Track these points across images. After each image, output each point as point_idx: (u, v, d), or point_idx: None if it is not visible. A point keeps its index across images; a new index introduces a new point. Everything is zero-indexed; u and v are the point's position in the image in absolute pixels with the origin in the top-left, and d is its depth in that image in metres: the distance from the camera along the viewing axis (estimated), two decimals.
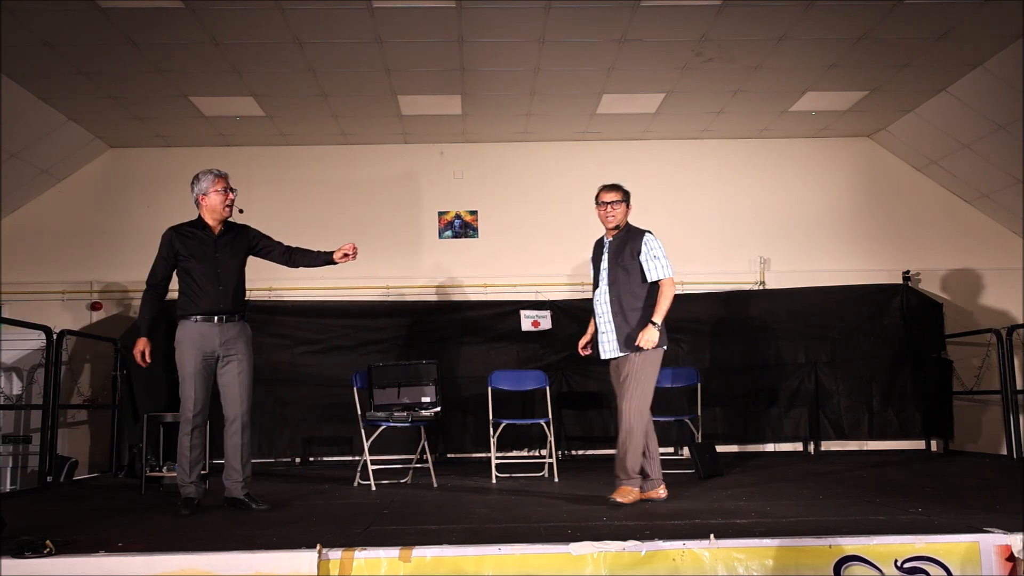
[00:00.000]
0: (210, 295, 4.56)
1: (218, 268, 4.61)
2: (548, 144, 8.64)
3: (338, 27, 6.08)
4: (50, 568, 3.10)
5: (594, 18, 6.01)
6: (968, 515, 3.82)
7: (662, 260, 4.67)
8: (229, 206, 4.72)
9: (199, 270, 4.58)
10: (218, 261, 4.63)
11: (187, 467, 4.62)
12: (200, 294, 4.56)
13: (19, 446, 7.64)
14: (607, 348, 4.74)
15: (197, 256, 4.61)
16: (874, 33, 6.30)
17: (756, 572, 3.13)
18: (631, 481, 4.58)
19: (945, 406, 7.84)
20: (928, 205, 8.59)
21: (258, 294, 8.24)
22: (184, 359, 4.54)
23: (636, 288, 4.67)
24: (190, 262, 4.60)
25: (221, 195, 4.68)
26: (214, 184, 4.68)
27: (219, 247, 4.66)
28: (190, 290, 4.59)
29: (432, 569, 3.11)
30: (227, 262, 4.66)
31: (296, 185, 8.55)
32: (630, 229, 4.83)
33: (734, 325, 7.97)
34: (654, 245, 4.71)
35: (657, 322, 4.55)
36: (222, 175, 4.74)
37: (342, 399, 6.70)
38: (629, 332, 4.61)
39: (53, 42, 6.17)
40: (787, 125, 8.31)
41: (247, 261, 4.81)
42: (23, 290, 8.12)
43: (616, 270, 4.72)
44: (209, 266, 4.60)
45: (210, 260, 4.61)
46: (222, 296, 4.59)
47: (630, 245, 4.73)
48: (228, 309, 4.60)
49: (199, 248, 4.63)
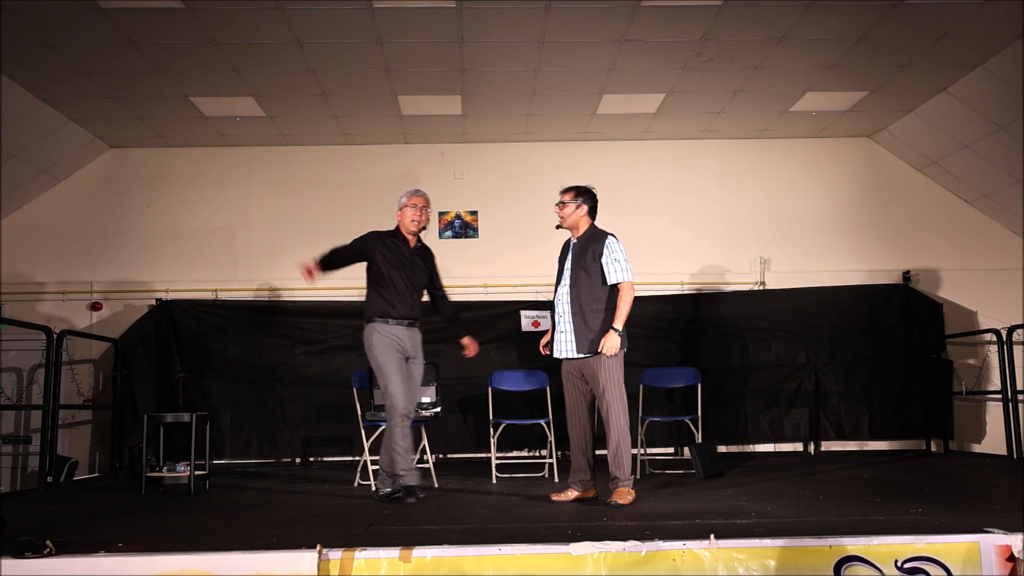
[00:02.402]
0: (406, 302, 4.93)
1: (412, 278, 4.98)
2: (548, 144, 8.64)
3: (338, 27, 6.08)
4: (50, 568, 3.10)
5: (594, 18, 6.01)
6: (968, 515, 3.82)
7: (622, 263, 4.69)
8: (416, 221, 5.03)
9: (398, 277, 4.94)
10: (413, 271, 4.99)
11: (408, 457, 4.84)
12: (398, 300, 4.91)
13: (19, 446, 7.65)
14: (564, 348, 4.76)
15: (395, 264, 4.95)
16: (874, 33, 6.31)
17: (756, 572, 3.13)
18: (628, 482, 4.60)
19: (945, 406, 7.83)
20: (928, 205, 8.59)
21: (258, 294, 8.26)
22: (386, 358, 4.84)
23: (596, 290, 4.69)
24: (390, 268, 4.94)
25: (413, 211, 5.00)
26: (410, 200, 5.02)
27: (412, 259, 5.02)
28: (388, 294, 4.92)
29: (432, 569, 3.11)
30: (418, 274, 5.04)
31: (296, 185, 8.55)
32: (594, 231, 4.84)
33: (734, 325, 7.96)
34: (615, 248, 4.72)
35: (619, 328, 4.58)
36: (419, 193, 5.06)
37: (342, 399, 6.71)
38: (588, 334, 4.64)
39: (53, 42, 6.17)
40: (787, 125, 8.31)
41: None
42: (23, 290, 8.13)
43: (578, 271, 4.75)
44: (406, 274, 4.96)
45: (408, 269, 4.97)
46: (415, 304, 4.99)
47: (592, 247, 4.75)
48: (417, 315, 5.00)
49: (397, 257, 4.98)
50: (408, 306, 4.93)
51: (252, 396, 7.67)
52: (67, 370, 7.08)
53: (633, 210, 8.26)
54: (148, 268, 8.26)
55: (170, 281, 8.16)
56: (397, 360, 4.86)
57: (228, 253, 8.39)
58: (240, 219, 8.45)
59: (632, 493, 4.56)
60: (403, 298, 4.91)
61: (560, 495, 4.79)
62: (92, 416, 7.76)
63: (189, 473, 5.63)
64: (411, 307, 4.95)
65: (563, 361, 4.82)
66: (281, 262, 8.36)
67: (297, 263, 5.05)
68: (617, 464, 4.60)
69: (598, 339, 4.60)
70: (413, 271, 4.99)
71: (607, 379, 4.61)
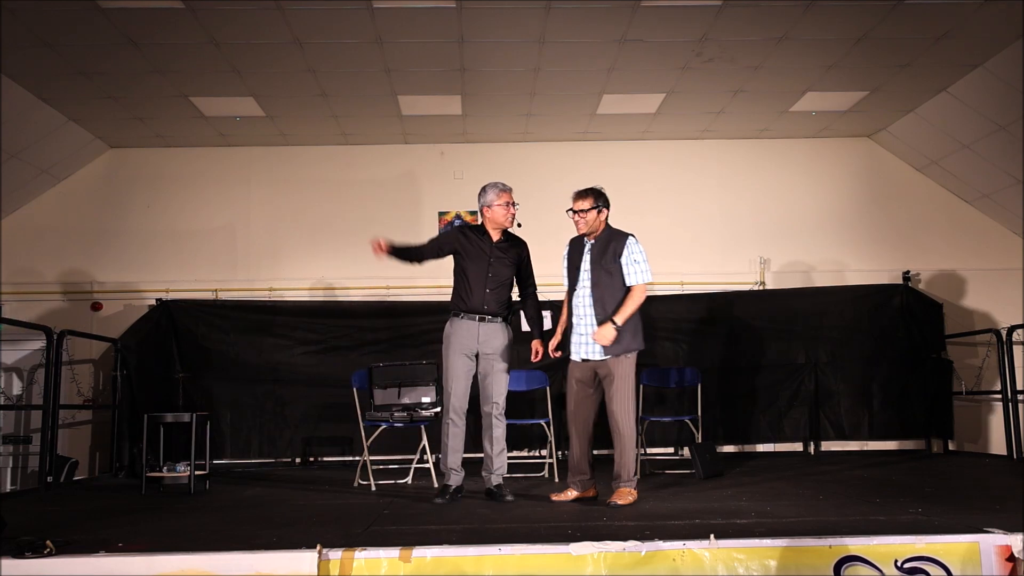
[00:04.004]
0: (480, 296, 4.88)
1: (490, 272, 4.92)
2: (548, 144, 8.64)
3: (338, 27, 6.08)
4: (50, 568, 3.10)
5: (594, 18, 6.01)
6: (968, 515, 3.82)
7: (642, 265, 4.69)
8: (511, 218, 5.03)
9: (473, 271, 4.92)
10: (491, 265, 4.94)
11: (449, 456, 4.87)
12: (470, 294, 4.89)
13: (19, 446, 7.65)
14: (585, 349, 4.73)
15: (472, 258, 4.95)
16: (874, 33, 6.30)
17: (756, 572, 3.13)
18: (630, 483, 4.61)
19: (945, 406, 7.83)
20: (928, 205, 8.59)
21: (258, 294, 8.26)
22: (449, 353, 4.88)
23: (619, 291, 4.67)
24: (467, 262, 4.94)
25: (504, 209, 4.97)
26: (499, 197, 4.99)
27: (494, 253, 4.97)
28: (462, 289, 4.94)
29: (432, 569, 3.11)
30: (500, 269, 4.96)
31: (296, 185, 8.55)
32: (612, 232, 4.81)
33: (734, 325, 7.96)
34: (635, 249, 4.70)
35: (618, 322, 4.56)
36: (507, 189, 5.04)
37: (342, 399, 6.70)
38: (619, 339, 4.60)
39: (53, 42, 6.17)
40: (787, 125, 8.31)
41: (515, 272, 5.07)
42: (23, 290, 8.12)
43: (599, 272, 4.71)
44: (482, 269, 4.92)
45: (485, 263, 4.93)
46: (490, 298, 4.90)
47: (613, 247, 4.72)
48: (492, 311, 4.90)
49: (476, 251, 4.96)
50: (481, 300, 4.87)
51: (252, 396, 7.66)
52: (67, 370, 7.08)
53: (633, 210, 8.22)
54: (148, 268, 8.26)
55: (170, 281, 8.15)
56: (461, 357, 4.86)
57: (228, 253, 8.39)
58: (240, 219, 8.45)
59: (634, 494, 4.57)
60: (476, 292, 4.87)
61: (560, 495, 4.79)
62: (92, 416, 7.76)
63: (189, 473, 5.63)
64: (484, 301, 4.87)
65: (572, 363, 4.81)
66: (281, 262, 8.37)
67: (370, 238, 4.96)
68: (622, 464, 4.62)
69: (623, 339, 4.60)
70: (491, 265, 4.92)
71: (620, 378, 4.62)
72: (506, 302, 4.98)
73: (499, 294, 4.92)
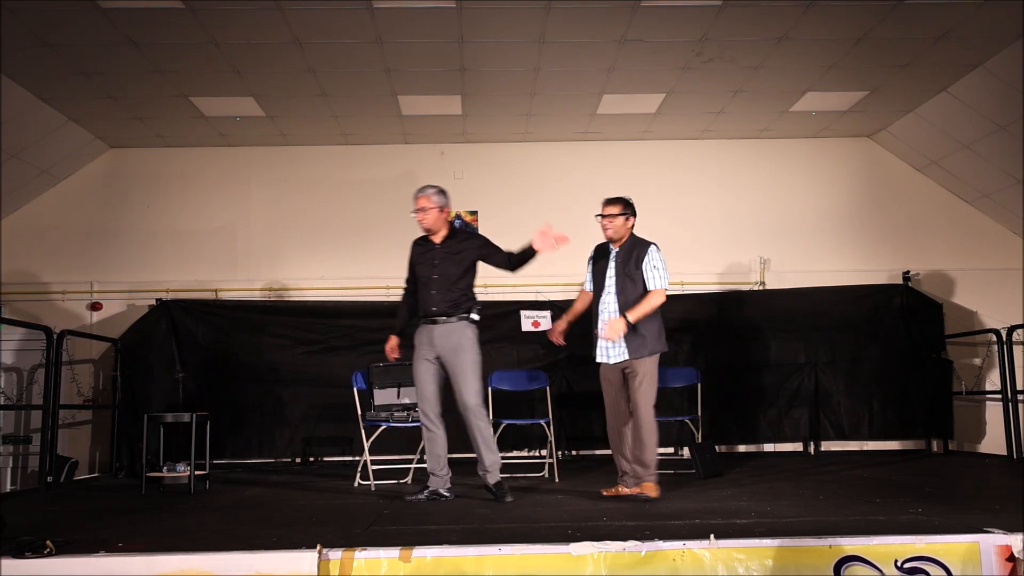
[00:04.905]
0: (431, 299, 4.93)
1: (436, 273, 4.94)
2: (548, 144, 8.64)
3: (338, 27, 6.08)
4: (50, 568, 3.10)
5: (594, 18, 6.01)
6: (968, 515, 3.82)
7: (661, 271, 4.88)
8: (420, 223, 5.03)
9: (422, 275, 5.01)
10: (436, 266, 4.95)
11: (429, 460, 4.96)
12: (422, 299, 4.97)
13: (19, 446, 7.65)
14: (612, 352, 4.88)
15: (419, 263, 5.04)
16: (874, 33, 6.30)
17: (756, 572, 3.13)
18: (654, 476, 4.77)
19: (945, 406, 7.83)
20: (928, 205, 8.59)
21: (258, 294, 8.26)
22: (413, 360, 5.00)
23: (641, 297, 4.84)
24: (418, 270, 5.05)
25: (415, 216, 5.02)
26: (414, 204, 5.03)
27: (439, 255, 4.98)
28: (419, 294, 5.03)
29: (432, 569, 3.11)
30: (446, 267, 4.95)
31: (296, 185, 8.55)
32: (636, 240, 5.00)
33: (734, 325, 7.96)
34: (656, 257, 4.91)
35: (630, 319, 4.72)
36: (418, 194, 5.02)
37: (342, 399, 6.69)
38: (638, 338, 4.79)
39: (53, 42, 6.17)
40: (787, 125, 8.31)
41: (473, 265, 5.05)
42: (23, 290, 8.12)
43: (623, 279, 4.90)
44: (427, 272, 4.97)
45: (429, 267, 4.98)
46: (438, 299, 4.91)
47: (636, 254, 4.92)
48: (442, 311, 4.90)
49: (421, 257, 5.05)
50: (429, 301, 4.92)
51: (252, 396, 7.66)
52: (67, 370, 7.08)
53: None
54: (148, 268, 8.26)
55: (170, 281, 8.16)
56: (422, 362, 4.94)
57: (228, 253, 8.39)
58: (240, 219, 8.45)
59: (659, 488, 4.70)
60: (424, 296, 4.95)
61: (611, 490, 4.92)
62: (92, 416, 7.76)
63: (189, 473, 5.63)
64: (432, 302, 4.91)
65: (602, 365, 4.96)
66: (281, 262, 8.37)
67: (388, 349, 5.13)
68: (646, 459, 4.77)
69: (648, 341, 4.78)
70: (436, 267, 4.95)
71: (645, 375, 4.80)
72: (459, 300, 4.93)
73: (447, 293, 4.91)
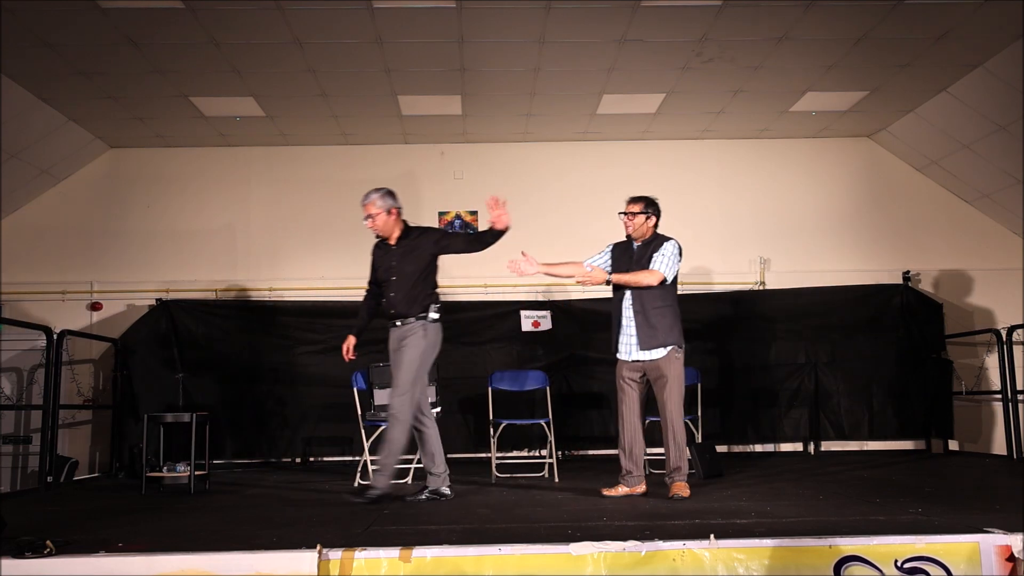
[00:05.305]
0: (389, 300, 4.93)
1: (393, 273, 4.94)
2: (548, 144, 8.64)
3: (338, 27, 6.08)
4: (50, 568, 3.10)
5: (594, 18, 6.01)
6: (968, 515, 3.82)
7: (667, 261, 4.89)
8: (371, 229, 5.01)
9: (382, 278, 5.02)
10: (392, 266, 4.95)
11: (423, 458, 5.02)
12: (385, 301, 4.96)
13: (19, 446, 7.65)
14: (631, 349, 4.90)
15: (379, 267, 5.06)
16: (874, 33, 6.30)
17: (756, 572, 3.12)
18: (685, 476, 4.80)
19: (945, 406, 7.84)
20: (928, 205, 8.59)
21: (258, 294, 8.26)
22: None
23: (656, 292, 4.86)
24: (379, 274, 5.05)
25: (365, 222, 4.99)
26: None
27: (394, 256, 4.97)
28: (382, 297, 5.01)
29: (432, 569, 3.11)
30: (403, 266, 4.93)
31: (296, 185, 8.55)
32: (656, 236, 5.04)
33: (734, 325, 7.96)
34: (669, 250, 4.93)
35: (611, 280, 4.81)
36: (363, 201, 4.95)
37: (342, 399, 6.70)
38: (651, 331, 4.82)
39: (53, 42, 6.17)
40: (787, 125, 8.31)
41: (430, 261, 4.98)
42: (23, 290, 8.12)
43: None
44: (386, 273, 4.98)
45: (386, 269, 4.98)
46: (396, 301, 4.90)
47: (652, 248, 4.95)
48: (401, 312, 4.89)
49: (380, 260, 5.06)
50: (388, 304, 4.93)
51: (252, 396, 7.67)
52: (67, 370, 7.08)
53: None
54: (148, 268, 8.26)
55: (170, 281, 8.16)
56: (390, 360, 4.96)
57: (228, 253, 8.39)
58: (240, 219, 8.45)
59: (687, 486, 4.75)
60: (388, 299, 4.94)
61: (611, 490, 4.92)
62: (92, 416, 7.76)
63: (189, 473, 5.63)
64: (391, 304, 4.91)
65: (620, 363, 4.97)
66: (281, 262, 8.37)
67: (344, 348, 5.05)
68: (679, 460, 4.81)
69: (661, 337, 4.79)
70: (394, 268, 4.93)
71: (673, 378, 4.82)
72: (418, 298, 4.88)
73: (406, 293, 4.88)
